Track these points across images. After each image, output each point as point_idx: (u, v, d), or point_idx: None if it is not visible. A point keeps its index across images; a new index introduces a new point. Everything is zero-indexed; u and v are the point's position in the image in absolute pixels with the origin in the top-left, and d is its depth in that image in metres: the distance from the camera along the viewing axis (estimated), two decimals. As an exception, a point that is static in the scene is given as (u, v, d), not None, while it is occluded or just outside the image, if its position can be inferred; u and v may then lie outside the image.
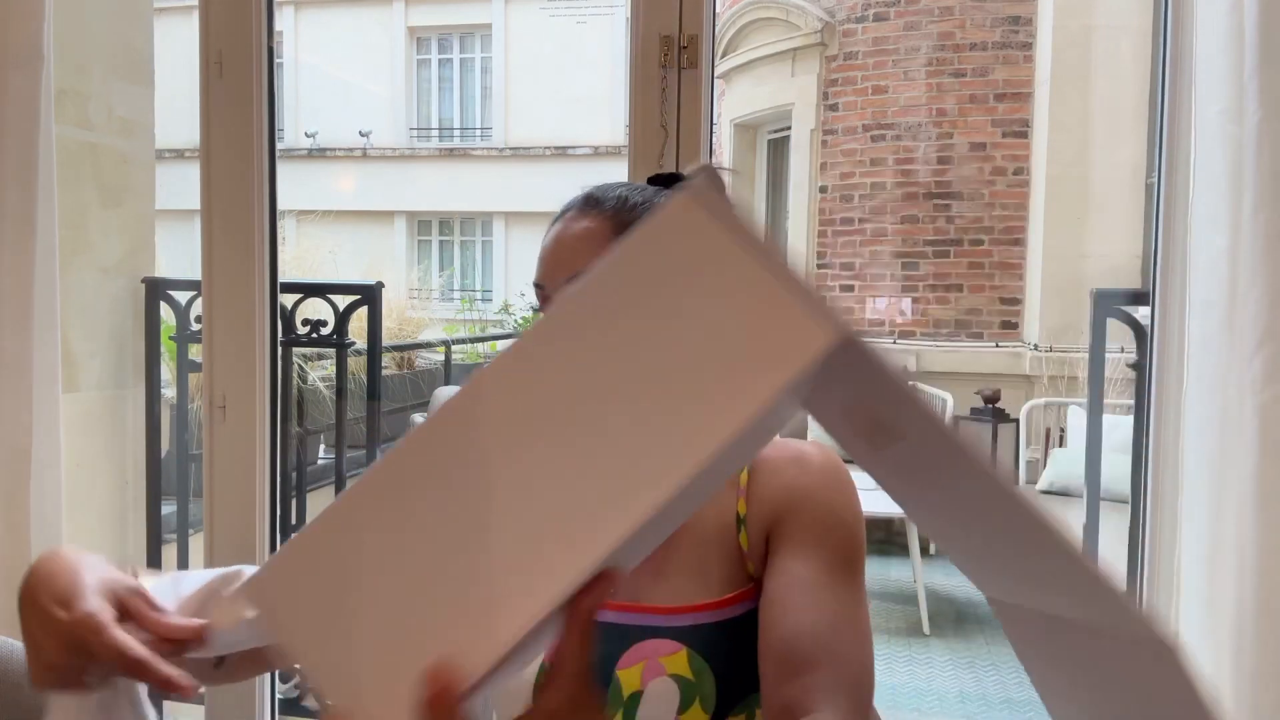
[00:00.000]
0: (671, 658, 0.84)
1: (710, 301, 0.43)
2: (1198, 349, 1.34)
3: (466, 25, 13.36)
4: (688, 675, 0.83)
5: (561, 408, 0.43)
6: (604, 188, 0.92)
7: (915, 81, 6.37)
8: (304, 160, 12.93)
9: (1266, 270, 1.22)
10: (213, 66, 1.82)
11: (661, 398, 0.42)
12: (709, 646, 0.83)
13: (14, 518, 1.55)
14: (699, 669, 0.83)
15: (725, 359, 0.42)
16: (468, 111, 13.59)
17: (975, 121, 6.26)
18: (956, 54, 6.28)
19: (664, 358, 0.42)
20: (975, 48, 6.24)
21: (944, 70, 6.30)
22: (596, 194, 0.91)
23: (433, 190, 12.96)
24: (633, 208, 0.90)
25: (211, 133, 1.83)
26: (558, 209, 0.94)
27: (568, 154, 12.62)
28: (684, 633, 0.84)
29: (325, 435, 3.44)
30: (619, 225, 0.89)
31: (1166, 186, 1.49)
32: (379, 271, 5.74)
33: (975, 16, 6.23)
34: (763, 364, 0.41)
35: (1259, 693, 1.22)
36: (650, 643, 0.85)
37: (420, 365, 4.99)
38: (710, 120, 1.66)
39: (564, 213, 0.92)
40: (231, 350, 1.85)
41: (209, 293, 1.85)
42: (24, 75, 1.55)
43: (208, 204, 1.84)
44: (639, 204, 0.90)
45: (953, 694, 3.33)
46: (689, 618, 0.85)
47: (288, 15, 13.08)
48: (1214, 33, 1.30)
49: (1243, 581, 1.23)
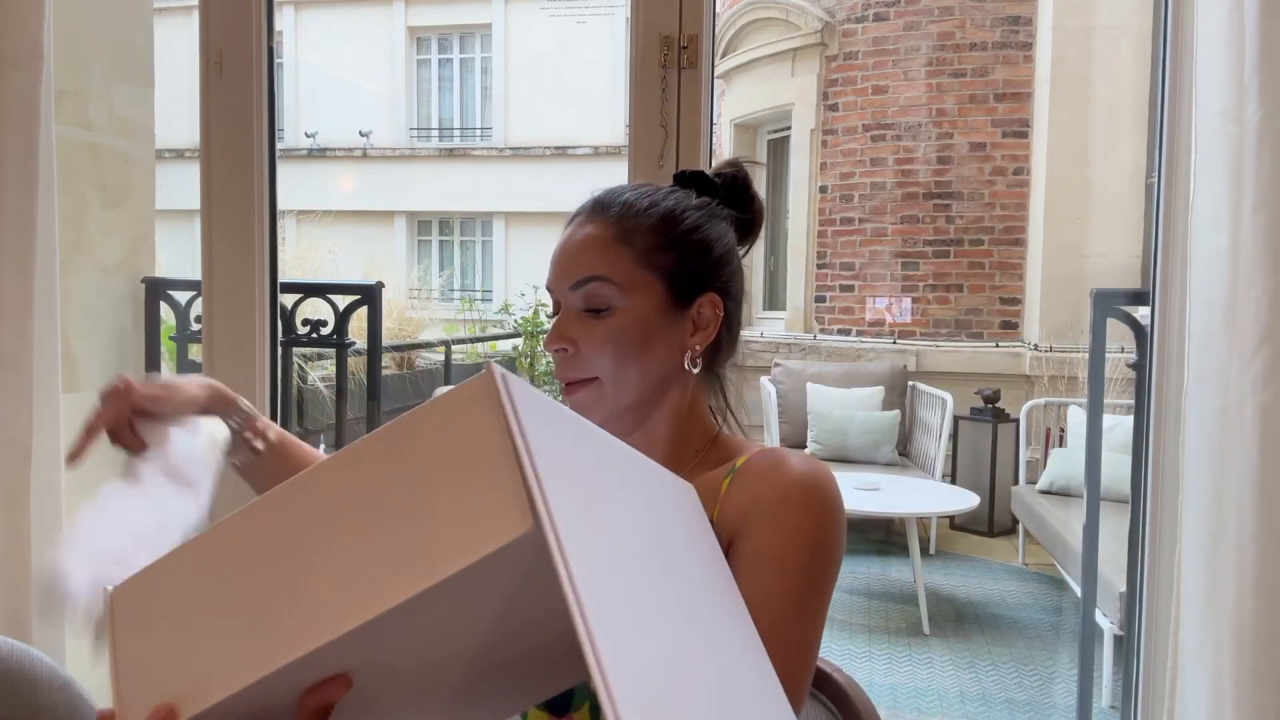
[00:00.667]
0: None
1: (455, 470, 0.47)
2: (1198, 349, 1.34)
3: (466, 25, 13.35)
4: None
5: (334, 519, 0.49)
6: (613, 191, 0.92)
7: (915, 81, 6.37)
8: (304, 160, 12.93)
9: (1266, 270, 1.22)
10: (213, 66, 1.82)
11: (387, 545, 0.47)
12: None
13: (14, 518, 1.55)
14: None
15: (440, 524, 0.46)
16: (468, 111, 13.59)
17: (975, 121, 6.27)
18: (956, 54, 6.28)
19: (400, 508, 0.47)
20: (975, 48, 6.25)
21: (944, 70, 6.30)
22: (604, 199, 0.92)
23: (433, 190, 12.95)
24: (636, 214, 0.89)
25: (211, 133, 1.83)
26: (561, 210, 0.95)
27: (568, 154, 12.62)
28: None
29: (325, 435, 3.44)
30: (622, 232, 0.89)
31: (1166, 186, 1.49)
32: (379, 271, 5.74)
33: (975, 16, 6.23)
34: (462, 539, 0.45)
35: (1259, 693, 1.22)
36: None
37: (420, 365, 4.99)
38: (710, 120, 1.66)
39: (573, 218, 0.92)
40: (231, 350, 1.85)
41: (209, 293, 1.85)
42: (24, 75, 1.54)
43: (208, 204, 1.84)
44: (642, 210, 0.90)
45: (953, 694, 3.33)
46: None
47: (288, 15, 13.07)
48: (1214, 33, 1.30)
49: (1243, 581, 1.23)
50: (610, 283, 0.87)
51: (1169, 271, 1.49)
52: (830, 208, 6.72)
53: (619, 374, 0.88)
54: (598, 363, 0.88)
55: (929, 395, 5.40)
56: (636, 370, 0.88)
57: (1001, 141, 6.22)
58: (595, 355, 0.87)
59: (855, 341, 6.49)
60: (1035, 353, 5.81)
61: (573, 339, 0.88)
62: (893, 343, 6.35)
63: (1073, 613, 4.13)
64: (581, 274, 0.88)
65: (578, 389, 0.89)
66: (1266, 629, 1.22)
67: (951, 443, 5.31)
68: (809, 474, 0.83)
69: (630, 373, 0.88)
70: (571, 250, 0.90)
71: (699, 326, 0.91)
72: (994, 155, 6.25)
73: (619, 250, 0.88)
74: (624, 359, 0.88)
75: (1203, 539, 1.32)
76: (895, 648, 3.74)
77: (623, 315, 0.88)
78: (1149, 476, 1.54)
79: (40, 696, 1.00)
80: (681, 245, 0.90)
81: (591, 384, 0.88)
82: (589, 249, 0.89)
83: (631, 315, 0.88)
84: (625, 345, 0.87)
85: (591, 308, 0.88)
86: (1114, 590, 2.96)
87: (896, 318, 6.45)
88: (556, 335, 0.89)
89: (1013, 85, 6.19)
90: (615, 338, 0.87)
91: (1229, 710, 1.25)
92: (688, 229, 0.90)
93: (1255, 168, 1.23)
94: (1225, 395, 1.28)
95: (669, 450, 0.92)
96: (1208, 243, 1.32)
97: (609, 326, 0.88)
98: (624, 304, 0.88)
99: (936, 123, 6.32)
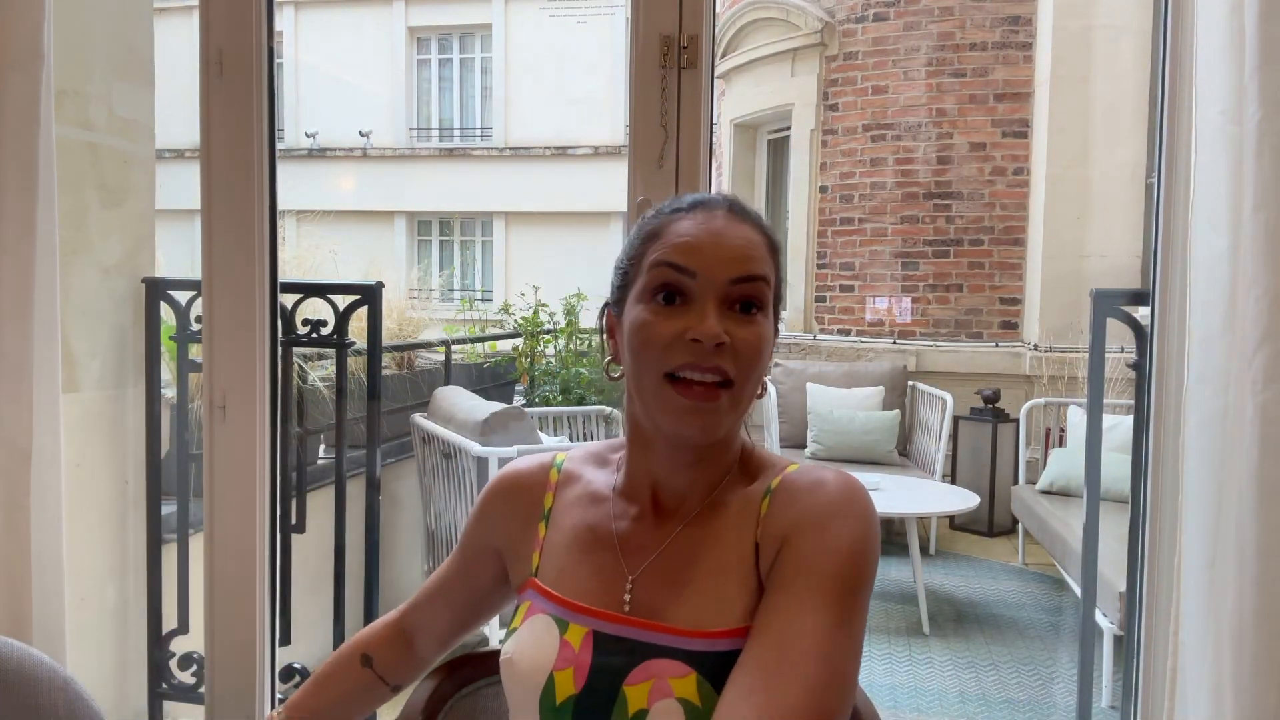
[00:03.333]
0: (681, 680, 0.82)
1: None
2: (1198, 349, 1.34)
3: (466, 25, 13.35)
4: (694, 700, 0.81)
5: None
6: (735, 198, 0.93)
7: (915, 81, 6.37)
8: (304, 160, 12.93)
9: (1266, 270, 1.22)
10: (213, 66, 1.82)
11: None
12: (719, 674, 0.81)
13: (14, 518, 1.55)
14: (706, 695, 0.81)
15: None
16: (468, 111, 13.59)
17: (975, 121, 6.26)
18: (956, 54, 6.28)
19: None
20: (975, 48, 6.25)
21: (944, 70, 6.30)
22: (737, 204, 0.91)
23: (433, 190, 12.96)
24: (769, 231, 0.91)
25: (211, 133, 1.83)
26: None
27: (568, 154, 12.61)
28: (696, 657, 0.83)
29: (325, 435, 3.44)
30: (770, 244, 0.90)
31: (1166, 186, 1.49)
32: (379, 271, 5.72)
33: (975, 16, 6.23)
34: None
35: (1259, 692, 1.22)
36: (661, 662, 0.84)
37: (420, 365, 4.98)
38: (710, 120, 1.66)
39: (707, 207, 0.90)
40: (231, 350, 1.85)
41: (209, 293, 1.85)
42: (24, 75, 1.54)
43: (208, 204, 1.84)
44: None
45: (953, 694, 3.33)
46: (703, 643, 0.83)
47: (288, 15, 13.07)
48: (1214, 33, 1.30)
49: (1243, 581, 1.23)
50: (769, 288, 0.88)
51: (1169, 271, 1.49)
52: (830, 208, 6.72)
53: (753, 380, 0.87)
54: (744, 363, 0.85)
55: (929, 395, 5.40)
56: (759, 378, 0.88)
57: (1001, 141, 6.22)
58: (746, 353, 0.85)
59: (855, 341, 6.49)
60: (1035, 353, 5.81)
61: (730, 332, 0.85)
62: (893, 343, 6.35)
63: (1073, 613, 4.13)
64: (752, 270, 0.86)
65: (712, 396, 0.84)
66: (1266, 629, 1.22)
67: (951, 443, 5.31)
68: (847, 489, 0.86)
69: (758, 381, 0.88)
70: (739, 243, 0.87)
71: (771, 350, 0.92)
72: (994, 155, 6.25)
73: (772, 261, 0.89)
74: (761, 365, 0.87)
75: (1203, 539, 1.32)
76: (895, 648, 3.74)
77: (765, 323, 0.88)
78: (1149, 476, 1.54)
79: (40, 696, 1.00)
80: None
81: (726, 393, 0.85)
82: (754, 249, 0.87)
83: (768, 325, 0.88)
84: (766, 352, 0.87)
85: (746, 307, 0.86)
86: (1114, 590, 2.96)
87: (897, 318, 6.45)
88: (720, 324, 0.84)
89: (1013, 85, 6.19)
90: (763, 339, 0.87)
91: (1229, 710, 1.25)
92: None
93: (1255, 168, 1.23)
94: (1225, 395, 1.28)
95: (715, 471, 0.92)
96: (1208, 243, 1.32)
97: (759, 330, 0.86)
98: (766, 313, 0.88)
99: (936, 123, 6.32)
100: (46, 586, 1.58)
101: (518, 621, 0.92)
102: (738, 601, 0.85)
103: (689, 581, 0.87)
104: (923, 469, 5.19)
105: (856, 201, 6.59)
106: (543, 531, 0.97)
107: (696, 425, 0.85)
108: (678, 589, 0.87)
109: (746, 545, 0.87)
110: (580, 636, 0.88)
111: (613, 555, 0.91)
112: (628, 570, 0.90)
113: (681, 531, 0.90)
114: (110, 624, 2.13)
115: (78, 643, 1.72)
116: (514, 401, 5.87)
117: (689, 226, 0.88)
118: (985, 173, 6.27)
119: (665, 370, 0.85)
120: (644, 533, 0.91)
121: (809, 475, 0.89)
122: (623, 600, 0.89)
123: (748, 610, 0.84)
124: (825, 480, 0.87)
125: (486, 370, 5.87)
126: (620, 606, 0.89)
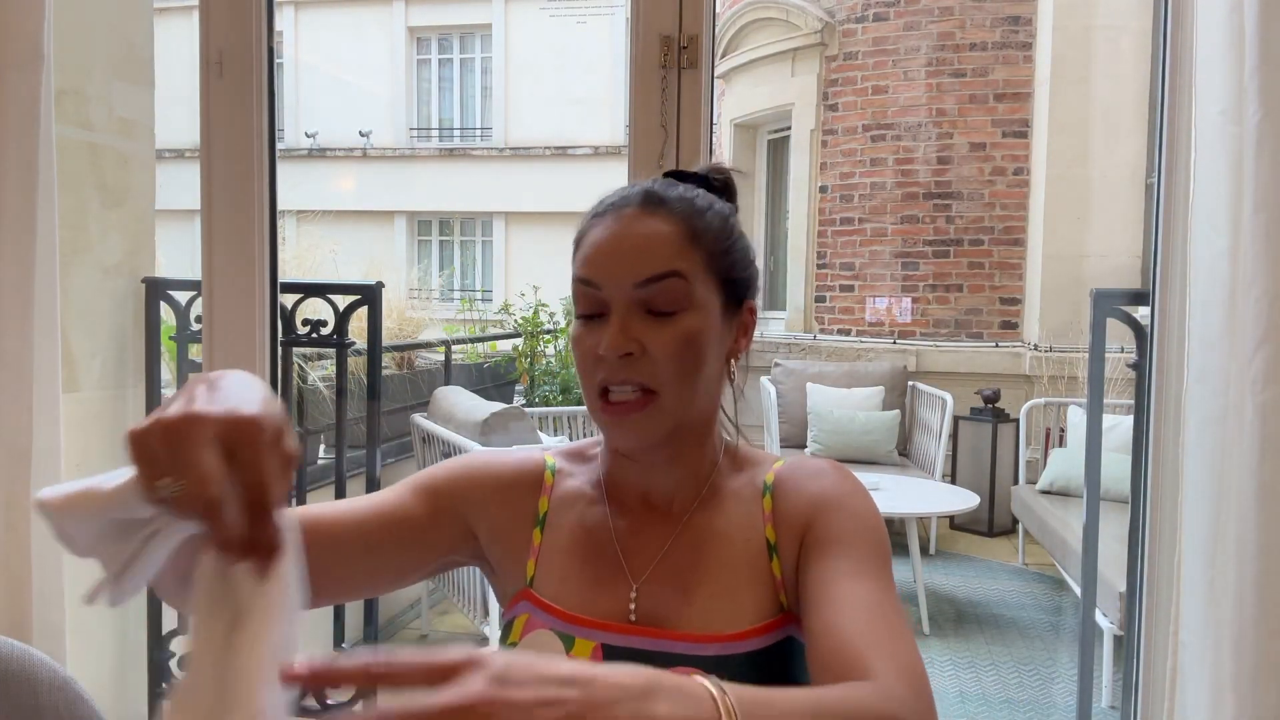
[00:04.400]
0: None
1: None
2: (1198, 349, 1.34)
3: (466, 25, 13.35)
4: None
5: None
6: (659, 185, 0.87)
7: (915, 81, 6.38)
8: (304, 160, 12.93)
9: (1266, 270, 1.22)
10: (213, 66, 1.82)
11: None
12: (735, 679, 0.77)
13: (14, 518, 1.55)
14: None
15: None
16: (468, 111, 13.59)
17: (975, 121, 6.27)
18: (956, 54, 6.28)
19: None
20: (975, 48, 6.25)
21: (944, 70, 6.31)
22: (656, 193, 0.85)
23: (433, 190, 12.96)
24: (700, 213, 0.85)
25: (211, 133, 1.83)
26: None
27: (568, 154, 12.62)
28: (710, 663, 0.79)
29: (325, 435, 3.44)
30: (691, 231, 0.83)
31: (1166, 186, 1.49)
32: (379, 271, 5.73)
33: (975, 16, 6.23)
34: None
35: (1259, 692, 1.22)
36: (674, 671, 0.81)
37: (420, 365, 4.98)
38: (710, 120, 1.66)
39: (618, 207, 0.85)
40: (231, 350, 1.85)
41: (209, 293, 1.85)
42: (24, 75, 1.54)
43: (208, 204, 1.84)
44: (704, 210, 0.85)
45: (953, 694, 3.33)
46: (716, 648, 0.81)
47: (288, 15, 13.07)
48: (1214, 33, 1.30)
49: (1243, 581, 1.23)
50: (687, 281, 0.82)
51: (1169, 272, 1.49)
52: (830, 208, 6.72)
53: (683, 382, 0.82)
54: (663, 368, 0.81)
55: (929, 395, 5.40)
56: (698, 379, 0.83)
57: (1001, 141, 6.23)
58: (664, 359, 0.80)
59: (855, 341, 6.49)
60: (1035, 353, 5.81)
61: (639, 340, 0.80)
62: (893, 343, 6.35)
63: (1073, 613, 4.13)
64: (656, 269, 0.81)
65: (634, 409, 0.81)
66: (1266, 629, 1.22)
67: (951, 443, 5.31)
68: (846, 473, 0.87)
69: (692, 381, 0.83)
70: (638, 243, 0.82)
71: (740, 334, 0.88)
72: (994, 155, 6.25)
73: (692, 249, 0.83)
74: (691, 365, 0.82)
75: (1203, 539, 1.32)
76: (895, 648, 3.74)
77: (692, 318, 0.82)
78: (1149, 476, 1.54)
79: (40, 696, 0.99)
80: (735, 250, 0.86)
81: (651, 402, 0.81)
82: (661, 244, 0.82)
83: (699, 319, 0.82)
84: (695, 350, 0.82)
85: (660, 309, 0.81)
86: (1114, 590, 2.96)
87: (897, 318, 6.45)
88: (622, 335, 0.80)
89: (1013, 85, 6.19)
90: (686, 340, 0.81)
91: (1229, 710, 1.25)
92: (739, 234, 0.88)
93: (1255, 168, 1.23)
94: (1225, 395, 1.28)
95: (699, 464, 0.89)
96: (1208, 243, 1.32)
97: (681, 329, 0.81)
98: (693, 306, 0.82)
99: (936, 123, 6.32)
100: (46, 586, 1.58)
101: (515, 637, 0.87)
102: (749, 603, 0.83)
103: (696, 585, 0.84)
104: (923, 469, 5.19)
105: (856, 201, 6.59)
106: (538, 538, 0.90)
107: (631, 437, 0.83)
108: (685, 593, 0.84)
109: (755, 543, 0.85)
110: (589, 651, 0.83)
111: (613, 562, 0.88)
112: (631, 577, 0.87)
113: (682, 532, 0.88)
114: (110, 624, 2.13)
115: (78, 643, 1.72)
116: (514, 401, 5.87)
117: (597, 234, 0.84)
118: (985, 173, 6.27)
119: (595, 387, 0.83)
120: (642, 535, 0.88)
121: (805, 464, 0.88)
122: (628, 610, 0.85)
123: (760, 610, 0.82)
124: (824, 467, 0.88)
125: (486, 370, 5.87)
126: (626, 616, 0.85)
